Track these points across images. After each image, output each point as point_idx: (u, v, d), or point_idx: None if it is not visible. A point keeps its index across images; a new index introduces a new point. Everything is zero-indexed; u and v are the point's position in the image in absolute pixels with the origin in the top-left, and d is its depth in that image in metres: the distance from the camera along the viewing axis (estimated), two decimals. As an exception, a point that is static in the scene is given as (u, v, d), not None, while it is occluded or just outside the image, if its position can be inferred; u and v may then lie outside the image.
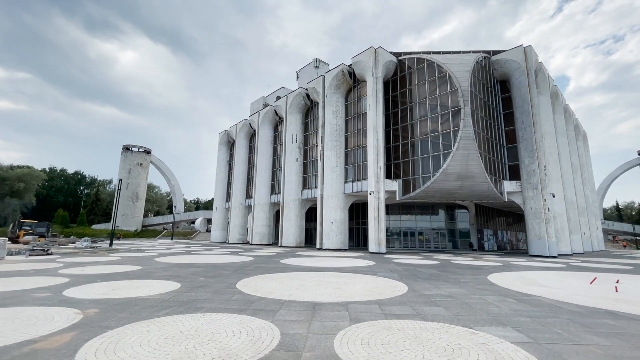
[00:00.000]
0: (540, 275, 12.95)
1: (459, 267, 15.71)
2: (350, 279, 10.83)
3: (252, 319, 5.68)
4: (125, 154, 69.26)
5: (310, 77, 49.48)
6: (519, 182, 27.61)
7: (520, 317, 6.19)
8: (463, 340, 4.69)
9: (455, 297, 8.12)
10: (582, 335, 5.10)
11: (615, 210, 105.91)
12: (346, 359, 3.98)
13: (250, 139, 49.70)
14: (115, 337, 4.62)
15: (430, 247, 36.15)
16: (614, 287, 10.12)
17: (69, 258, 17.16)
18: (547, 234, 25.26)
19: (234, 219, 46.92)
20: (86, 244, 26.65)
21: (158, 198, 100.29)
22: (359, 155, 31.13)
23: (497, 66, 29.70)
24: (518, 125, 28.30)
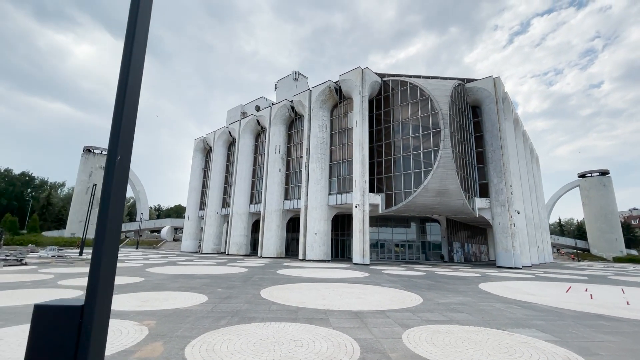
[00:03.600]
0: (521, 285, 14.51)
1: (446, 278, 16.99)
2: (363, 290, 11.48)
3: (314, 327, 6.13)
4: (86, 155, 64.61)
5: (289, 89, 50.33)
6: (488, 200, 30.22)
7: (535, 320, 7.24)
8: (507, 340, 5.55)
9: (468, 304, 9.09)
10: (592, 334, 6.21)
11: (558, 226, 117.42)
12: (428, 357, 4.64)
13: (229, 147, 49.03)
14: (205, 345, 4.88)
15: (405, 258, 37.84)
16: (586, 294, 11.77)
17: (50, 269, 15.96)
18: (512, 247, 27.84)
19: (209, 229, 45.58)
20: (52, 253, 24.63)
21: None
22: (344, 169, 32.21)
23: (470, 93, 32.64)
24: (488, 148, 31.16)
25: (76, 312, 1.46)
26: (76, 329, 1.42)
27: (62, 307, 1.47)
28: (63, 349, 1.40)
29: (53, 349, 1.42)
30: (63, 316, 1.46)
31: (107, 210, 1.58)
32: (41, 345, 1.41)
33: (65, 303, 1.51)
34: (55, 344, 1.41)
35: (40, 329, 1.45)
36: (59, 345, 1.41)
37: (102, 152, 66.66)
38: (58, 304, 1.48)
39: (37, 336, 1.45)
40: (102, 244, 1.54)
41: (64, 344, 1.40)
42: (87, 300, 1.47)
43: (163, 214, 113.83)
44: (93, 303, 1.46)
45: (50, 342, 1.41)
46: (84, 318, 1.43)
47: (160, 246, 60.91)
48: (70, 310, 1.46)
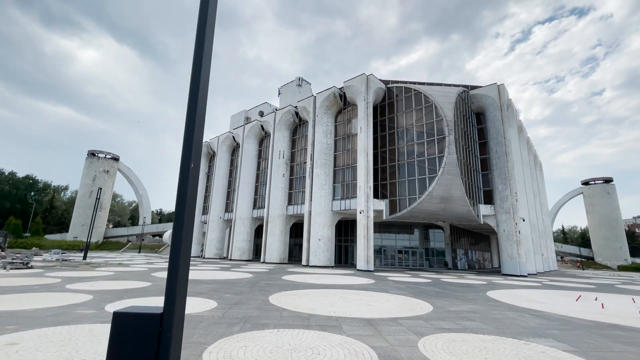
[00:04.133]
0: (529, 293, 14.38)
1: (453, 285, 16.86)
2: (371, 297, 11.41)
3: (328, 334, 6.08)
4: (90, 159, 64.88)
5: (293, 95, 50.66)
6: (492, 206, 30.10)
7: (549, 329, 7.16)
8: (525, 350, 5.49)
9: (479, 312, 9.01)
10: (609, 344, 6.13)
11: (561, 233, 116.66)
12: (449, 367, 4.58)
13: (232, 153, 49.20)
14: (222, 352, 4.85)
15: (408, 265, 37.58)
16: (596, 303, 11.65)
17: (56, 272, 15.96)
18: (518, 254, 27.63)
19: (211, 233, 45.51)
20: (57, 257, 24.64)
21: (120, 208, 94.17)
22: (348, 174, 32.21)
23: (475, 100, 32.73)
24: (492, 154, 31.13)
25: (156, 320, 1.46)
26: (156, 336, 1.42)
27: (142, 315, 1.47)
28: (143, 355, 1.39)
29: (133, 355, 1.41)
30: (143, 323, 1.46)
31: (183, 218, 1.60)
32: (121, 352, 1.41)
33: (144, 311, 1.51)
34: (136, 351, 1.41)
35: (120, 336, 1.45)
36: (139, 352, 1.40)
37: (105, 156, 66.97)
38: (137, 312, 1.49)
39: (117, 343, 1.45)
40: (179, 253, 1.55)
41: (144, 351, 1.39)
42: (166, 308, 1.47)
43: (165, 219, 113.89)
44: (172, 311, 1.47)
45: (130, 349, 1.41)
46: (163, 325, 1.43)
47: (162, 250, 60.81)
48: (150, 318, 1.46)
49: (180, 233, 1.60)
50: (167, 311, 1.44)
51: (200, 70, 1.99)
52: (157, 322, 1.47)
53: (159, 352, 1.40)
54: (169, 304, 1.45)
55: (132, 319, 1.47)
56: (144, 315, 1.48)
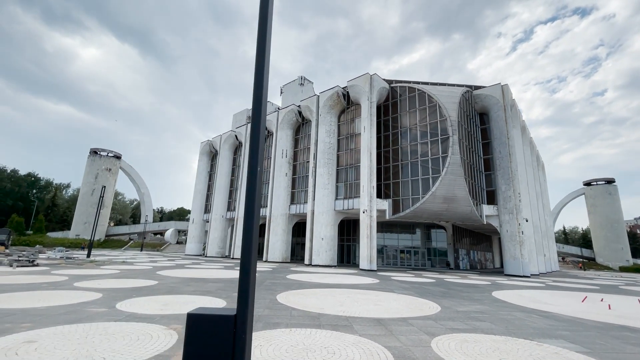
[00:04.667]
0: (534, 294, 14.39)
1: (458, 285, 16.88)
2: (378, 296, 11.43)
3: (340, 334, 6.10)
4: (92, 157, 64.99)
5: (295, 94, 50.67)
6: (496, 207, 30.09)
7: (559, 330, 7.18)
8: (538, 351, 5.50)
9: (487, 313, 9.02)
10: (621, 345, 6.14)
11: (563, 234, 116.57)
12: (464, 367, 4.60)
13: (235, 151, 49.24)
14: (238, 350, 4.87)
15: (410, 264, 37.61)
16: (602, 305, 11.66)
17: (62, 270, 16.02)
18: (521, 255, 27.63)
19: (214, 232, 45.60)
20: (61, 255, 24.71)
21: (121, 206, 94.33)
22: (351, 174, 32.23)
23: (478, 100, 32.68)
24: (495, 155, 31.10)
25: (230, 321, 1.47)
26: (231, 337, 1.44)
27: (217, 317, 1.49)
28: (219, 356, 1.41)
29: (209, 356, 1.43)
30: (217, 325, 1.48)
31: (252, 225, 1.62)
32: (197, 353, 1.43)
33: (217, 312, 1.53)
34: (211, 352, 1.42)
35: (196, 337, 1.47)
36: (214, 353, 1.42)
37: (107, 154, 67.07)
38: (211, 313, 1.50)
39: (193, 344, 1.47)
40: (249, 257, 1.57)
41: (220, 352, 1.41)
42: (239, 310, 1.49)
43: (166, 217, 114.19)
44: (245, 312, 1.49)
45: (206, 350, 1.43)
46: (237, 327, 1.45)
47: (164, 249, 60.94)
48: (225, 320, 1.48)
49: (250, 239, 1.62)
50: (240, 313, 1.46)
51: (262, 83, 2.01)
52: (232, 324, 1.48)
53: (234, 354, 1.42)
54: (242, 306, 1.47)
55: (206, 320, 1.49)
56: (218, 317, 1.50)
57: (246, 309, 1.47)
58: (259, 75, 2.05)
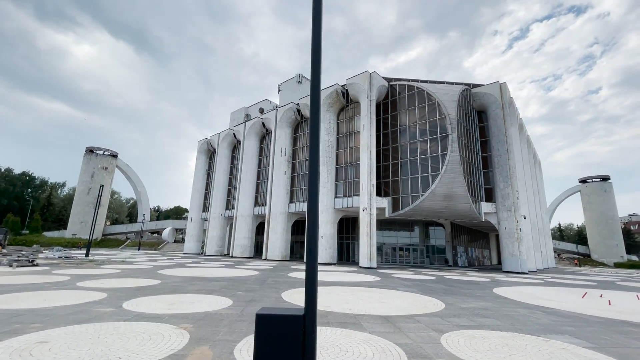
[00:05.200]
0: (534, 290, 14.56)
1: (458, 282, 17.02)
2: (382, 294, 11.50)
3: (350, 331, 6.15)
4: (88, 156, 64.43)
5: (293, 92, 50.54)
6: (494, 204, 30.31)
7: (564, 326, 7.28)
8: (546, 347, 5.58)
9: (491, 309, 9.12)
10: (626, 340, 6.25)
11: (558, 231, 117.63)
12: (476, 363, 4.67)
13: (233, 150, 49.09)
14: (252, 350, 4.90)
15: (409, 262, 37.80)
16: (602, 300, 11.82)
17: (62, 270, 15.93)
18: (519, 252, 27.89)
19: (212, 231, 45.49)
20: (59, 254, 24.57)
21: (117, 205, 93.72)
22: (350, 172, 32.28)
23: (476, 98, 32.82)
24: (494, 153, 31.29)
25: (299, 321, 1.49)
26: (301, 336, 1.46)
27: (286, 317, 1.51)
28: (290, 355, 1.43)
29: (280, 355, 1.45)
30: (287, 325, 1.49)
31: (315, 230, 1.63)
32: (269, 352, 1.45)
33: (284, 312, 1.55)
34: (282, 351, 1.44)
35: (266, 337, 1.48)
36: (285, 352, 1.44)
37: (104, 152, 66.52)
38: (280, 314, 1.52)
39: (263, 344, 1.49)
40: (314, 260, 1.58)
41: (291, 351, 1.43)
42: (307, 310, 1.51)
43: (162, 216, 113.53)
44: (314, 312, 1.51)
45: (276, 350, 1.44)
46: (306, 326, 1.47)
47: (161, 248, 60.71)
48: (293, 320, 1.49)
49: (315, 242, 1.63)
50: (309, 313, 1.48)
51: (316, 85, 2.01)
52: (300, 324, 1.51)
53: (304, 353, 1.44)
54: (310, 306, 1.49)
55: (275, 320, 1.51)
56: (287, 317, 1.53)
57: (314, 308, 1.49)
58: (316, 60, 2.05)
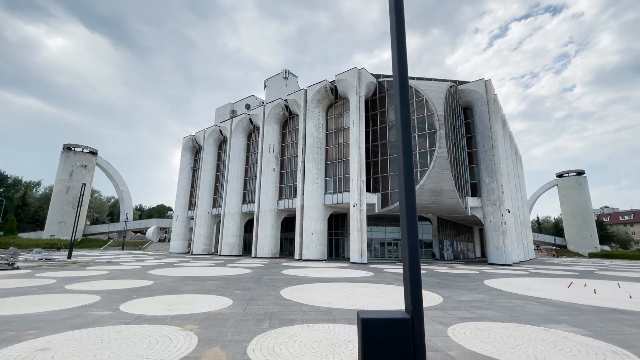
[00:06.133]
0: (523, 281, 15.08)
1: (449, 276, 17.41)
2: (379, 289, 11.62)
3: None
4: (66, 154, 61.75)
5: (279, 87, 49.99)
6: (479, 199, 31.13)
7: (559, 315, 7.56)
8: (548, 336, 5.78)
9: (487, 301, 9.37)
10: (619, 327, 6.55)
11: (537, 223, 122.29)
12: (487, 353, 4.78)
13: (220, 146, 48.23)
14: (264, 349, 4.83)
15: (398, 256, 38.36)
16: (587, 289, 12.37)
17: (46, 273, 15.25)
18: (504, 244, 28.81)
19: (199, 229, 44.67)
20: (39, 256, 23.54)
21: (98, 204, 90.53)
22: (340, 168, 32.34)
23: (462, 95, 33.47)
24: (479, 148, 32.06)
25: (406, 324, 1.44)
26: (410, 339, 1.40)
27: (393, 320, 1.45)
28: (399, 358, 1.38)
29: (387, 358, 1.39)
30: (394, 328, 1.43)
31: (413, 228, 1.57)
32: (376, 357, 1.38)
33: (389, 316, 1.49)
34: (389, 356, 1.38)
35: (372, 342, 1.42)
36: (393, 356, 1.38)
37: (83, 150, 63.91)
38: (386, 317, 1.46)
39: (371, 349, 1.42)
40: (416, 257, 1.52)
41: (400, 355, 1.37)
42: (415, 313, 1.45)
43: (145, 214, 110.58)
44: (421, 314, 1.45)
45: (383, 355, 1.38)
46: (414, 330, 1.41)
47: (146, 247, 59.19)
48: (401, 323, 1.43)
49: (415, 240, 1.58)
50: (416, 316, 1.43)
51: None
52: (409, 326, 1.45)
53: (415, 356, 1.39)
54: (417, 310, 1.44)
55: (382, 324, 1.45)
56: (394, 320, 1.47)
57: (421, 311, 1.45)
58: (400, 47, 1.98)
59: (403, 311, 1.61)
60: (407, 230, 1.71)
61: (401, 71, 2.09)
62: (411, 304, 1.54)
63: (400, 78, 2.01)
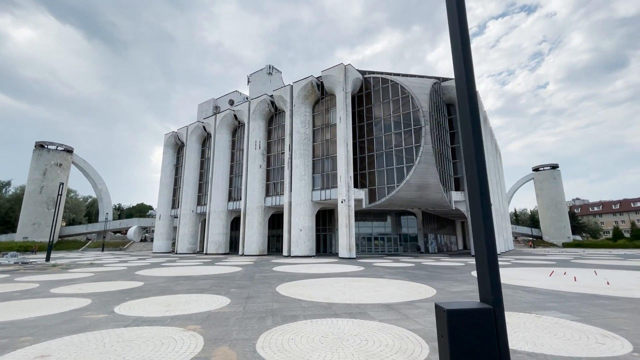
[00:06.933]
0: (507, 272, 15.70)
1: (437, 268, 17.90)
2: (373, 283, 11.81)
3: (361, 321, 6.26)
4: (39, 152, 58.76)
5: (263, 83, 49.41)
6: (463, 193, 32.02)
7: (547, 302, 7.95)
8: (541, 322, 6.08)
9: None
10: (603, 312, 6.96)
11: (514, 216, 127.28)
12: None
13: (203, 143, 47.24)
14: (273, 346, 4.84)
15: (384, 250, 39.05)
16: (567, 278, 13.04)
17: (26, 277, 14.55)
18: (486, 237, 29.79)
19: (183, 228, 43.75)
20: (14, 260, 22.43)
21: (74, 204, 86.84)
22: (327, 165, 32.42)
23: (446, 91, 34.19)
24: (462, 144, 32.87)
25: (489, 314, 1.46)
26: (493, 328, 1.43)
27: (476, 310, 1.47)
28: (485, 349, 1.40)
29: (475, 349, 1.41)
30: (478, 318, 1.46)
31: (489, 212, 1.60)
32: (462, 346, 1.40)
33: (472, 306, 1.51)
34: (476, 345, 1.41)
35: (458, 332, 1.43)
36: (479, 345, 1.41)
37: (57, 147, 60.99)
38: (469, 308, 1.48)
39: (457, 339, 1.44)
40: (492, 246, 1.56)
41: (485, 344, 1.40)
42: (496, 303, 1.48)
43: (124, 214, 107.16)
44: (501, 303, 1.49)
45: (470, 343, 1.40)
46: (497, 319, 1.45)
47: (127, 247, 57.44)
48: (484, 312, 1.46)
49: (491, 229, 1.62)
50: (497, 306, 1.47)
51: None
52: (491, 317, 1.49)
53: (499, 344, 1.43)
54: (497, 299, 1.48)
55: (466, 315, 1.48)
56: (477, 310, 1.50)
57: (501, 300, 1.49)
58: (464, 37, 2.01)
59: (477, 302, 1.67)
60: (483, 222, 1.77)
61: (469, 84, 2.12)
62: (492, 294, 1.61)
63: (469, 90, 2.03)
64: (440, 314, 1.64)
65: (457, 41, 2.17)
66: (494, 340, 1.51)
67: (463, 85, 2.12)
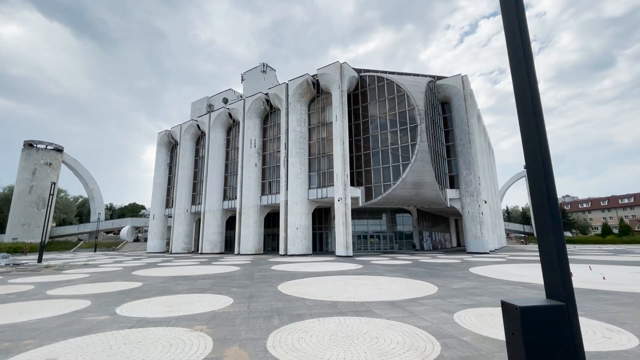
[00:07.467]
0: (505, 268, 15.90)
1: (435, 265, 18.03)
2: (373, 280, 11.84)
3: (369, 319, 6.26)
4: (28, 151, 57.52)
5: (257, 81, 49.16)
6: (458, 190, 32.32)
7: (548, 298, 8.06)
8: (545, 317, 6.16)
9: (480, 288, 9.81)
10: (605, 306, 7.09)
11: (506, 213, 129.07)
12: (499, 338, 5.02)
13: (197, 142, 46.77)
14: (283, 346, 4.80)
15: (380, 248, 39.21)
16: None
17: (19, 278, 14.23)
18: (481, 234, 30.17)
19: (178, 227, 43.33)
20: (6, 261, 21.96)
21: (64, 204, 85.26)
22: (323, 163, 32.38)
23: (441, 90, 34.40)
24: (457, 142, 33.19)
25: (562, 310, 1.44)
26: (567, 325, 1.42)
27: (549, 307, 1.45)
28: (560, 346, 1.38)
29: (549, 346, 1.39)
30: (551, 315, 1.43)
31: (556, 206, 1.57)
32: (538, 343, 1.38)
33: (544, 303, 1.49)
34: (549, 343, 1.39)
35: (533, 329, 1.41)
36: (554, 341, 1.39)
37: (46, 147, 59.77)
38: (541, 305, 1.46)
39: (532, 337, 1.42)
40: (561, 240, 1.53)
41: (560, 340, 1.38)
42: (569, 298, 1.46)
43: (117, 214, 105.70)
44: (574, 300, 1.47)
45: (545, 340, 1.38)
46: (570, 316, 1.43)
47: (120, 247, 56.68)
48: (558, 309, 1.44)
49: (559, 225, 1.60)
50: (570, 302, 1.46)
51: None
52: (564, 313, 1.48)
53: (574, 341, 1.42)
54: (570, 296, 1.47)
55: (540, 312, 1.47)
56: (550, 307, 1.49)
57: (573, 296, 1.48)
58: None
59: (545, 298, 1.66)
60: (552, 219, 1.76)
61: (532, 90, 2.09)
62: (563, 290, 1.60)
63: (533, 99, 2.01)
64: (512, 312, 1.64)
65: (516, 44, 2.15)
66: (570, 337, 1.51)
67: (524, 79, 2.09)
